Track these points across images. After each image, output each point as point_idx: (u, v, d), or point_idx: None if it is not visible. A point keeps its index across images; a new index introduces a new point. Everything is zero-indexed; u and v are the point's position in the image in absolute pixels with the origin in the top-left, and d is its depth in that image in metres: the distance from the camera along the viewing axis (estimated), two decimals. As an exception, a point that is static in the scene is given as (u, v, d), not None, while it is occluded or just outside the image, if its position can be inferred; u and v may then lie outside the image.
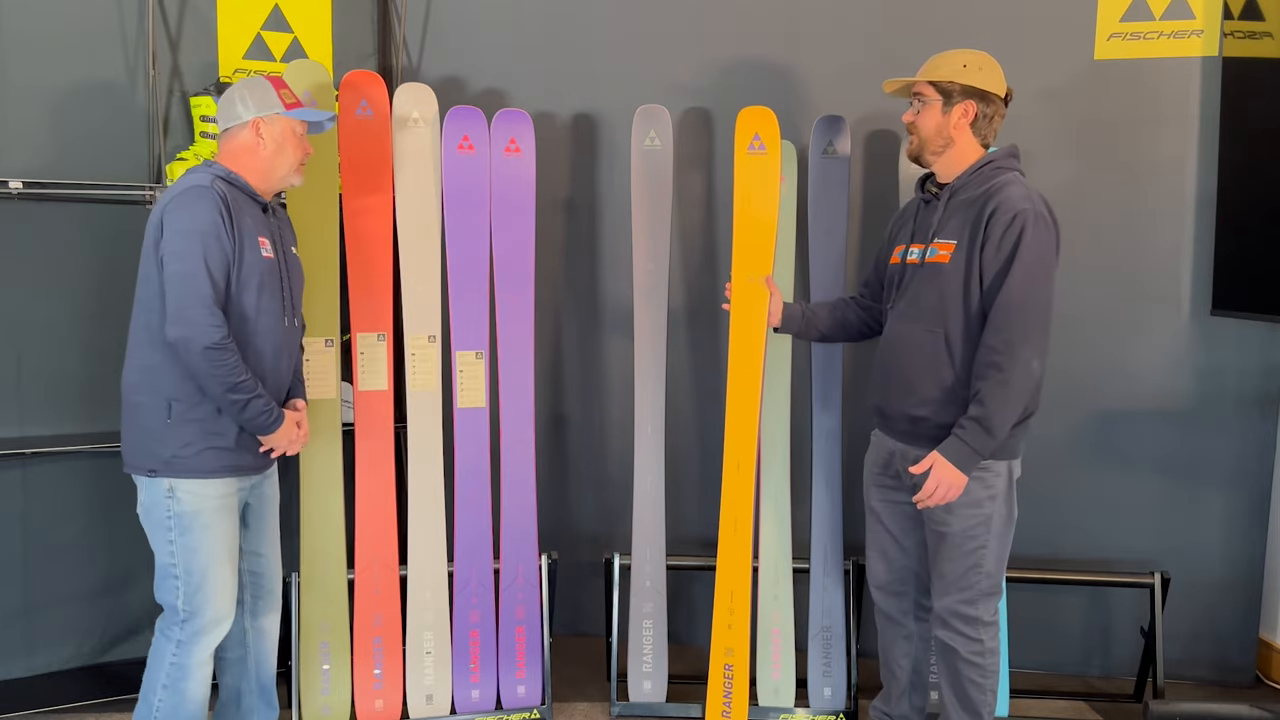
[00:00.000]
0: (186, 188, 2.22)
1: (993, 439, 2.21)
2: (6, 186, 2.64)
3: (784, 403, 2.95)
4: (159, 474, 2.24)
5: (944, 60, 2.32)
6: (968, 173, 2.32)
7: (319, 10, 3.09)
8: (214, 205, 2.19)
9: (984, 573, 2.34)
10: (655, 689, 2.95)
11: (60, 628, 2.93)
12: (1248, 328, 3.04)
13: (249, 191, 2.32)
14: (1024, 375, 2.19)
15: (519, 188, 2.85)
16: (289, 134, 2.36)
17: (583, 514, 3.45)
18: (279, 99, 2.33)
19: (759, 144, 2.78)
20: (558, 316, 3.38)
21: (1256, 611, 3.16)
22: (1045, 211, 2.24)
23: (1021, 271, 2.18)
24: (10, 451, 2.76)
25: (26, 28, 2.75)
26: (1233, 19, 2.98)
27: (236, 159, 2.33)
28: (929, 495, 2.26)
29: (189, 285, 2.16)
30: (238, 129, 2.32)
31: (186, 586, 2.27)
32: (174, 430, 2.23)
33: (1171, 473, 3.14)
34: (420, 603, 2.82)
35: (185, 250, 2.16)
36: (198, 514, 2.26)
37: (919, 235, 2.38)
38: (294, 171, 2.39)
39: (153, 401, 2.24)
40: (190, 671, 2.30)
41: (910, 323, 2.35)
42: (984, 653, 2.37)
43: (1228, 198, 3.02)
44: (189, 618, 2.29)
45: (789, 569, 2.95)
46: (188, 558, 2.26)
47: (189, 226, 2.17)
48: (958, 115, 2.30)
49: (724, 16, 3.19)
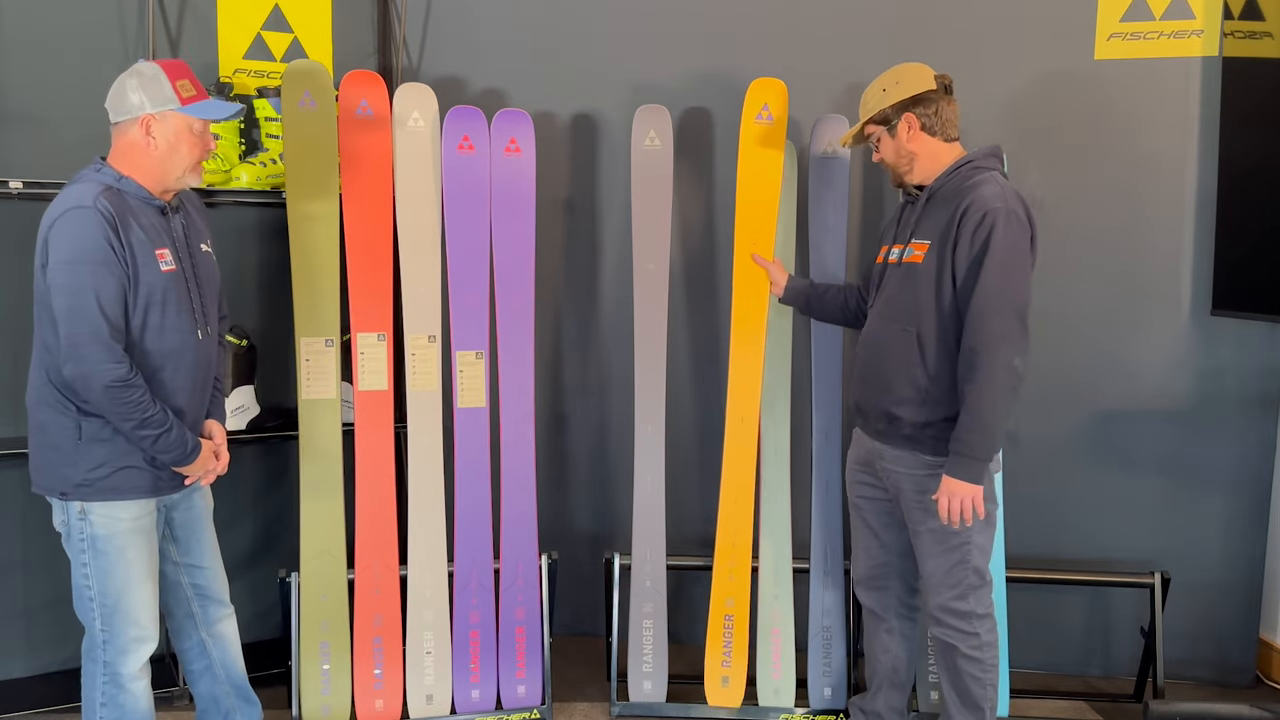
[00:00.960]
0: (68, 208, 2.03)
1: (990, 441, 2.22)
2: (6, 186, 2.63)
3: (784, 402, 2.95)
4: (70, 497, 2.13)
5: (869, 95, 2.42)
6: (946, 173, 2.35)
7: (319, 10, 3.09)
8: (99, 228, 2.01)
9: (971, 567, 2.36)
10: (655, 689, 2.95)
11: (60, 628, 2.93)
12: (1248, 328, 3.04)
13: (142, 197, 2.13)
14: (1006, 375, 2.19)
15: (519, 188, 2.85)
16: (185, 131, 2.14)
17: (583, 514, 3.45)
18: (175, 92, 2.11)
19: (767, 114, 2.81)
20: (558, 316, 3.38)
21: (1256, 611, 3.16)
22: (1018, 209, 2.23)
23: (993, 270, 2.18)
24: (10, 451, 2.76)
25: (27, 28, 2.75)
26: (1233, 19, 2.98)
27: (127, 158, 2.13)
28: (950, 514, 2.26)
29: (80, 320, 2.00)
30: (128, 124, 2.12)
31: (103, 609, 2.17)
32: (84, 451, 2.10)
33: (1171, 473, 3.14)
34: (420, 603, 2.82)
35: (72, 283, 2.00)
36: (111, 537, 2.14)
37: (900, 236, 2.42)
38: (190, 171, 2.18)
39: (59, 420, 2.11)
40: (124, 686, 2.22)
41: (886, 321, 2.39)
42: (981, 646, 2.38)
43: (1228, 198, 3.02)
44: (109, 639, 2.19)
45: (789, 569, 2.95)
46: (102, 580, 2.16)
47: (74, 255, 2.00)
48: (904, 131, 2.35)
49: (725, 16, 3.19)
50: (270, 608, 3.01)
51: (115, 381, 2.02)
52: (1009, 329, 2.19)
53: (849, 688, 2.93)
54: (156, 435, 2.10)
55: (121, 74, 2.16)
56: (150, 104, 2.11)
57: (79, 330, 2.01)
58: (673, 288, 3.10)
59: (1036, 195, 3.07)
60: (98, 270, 2.01)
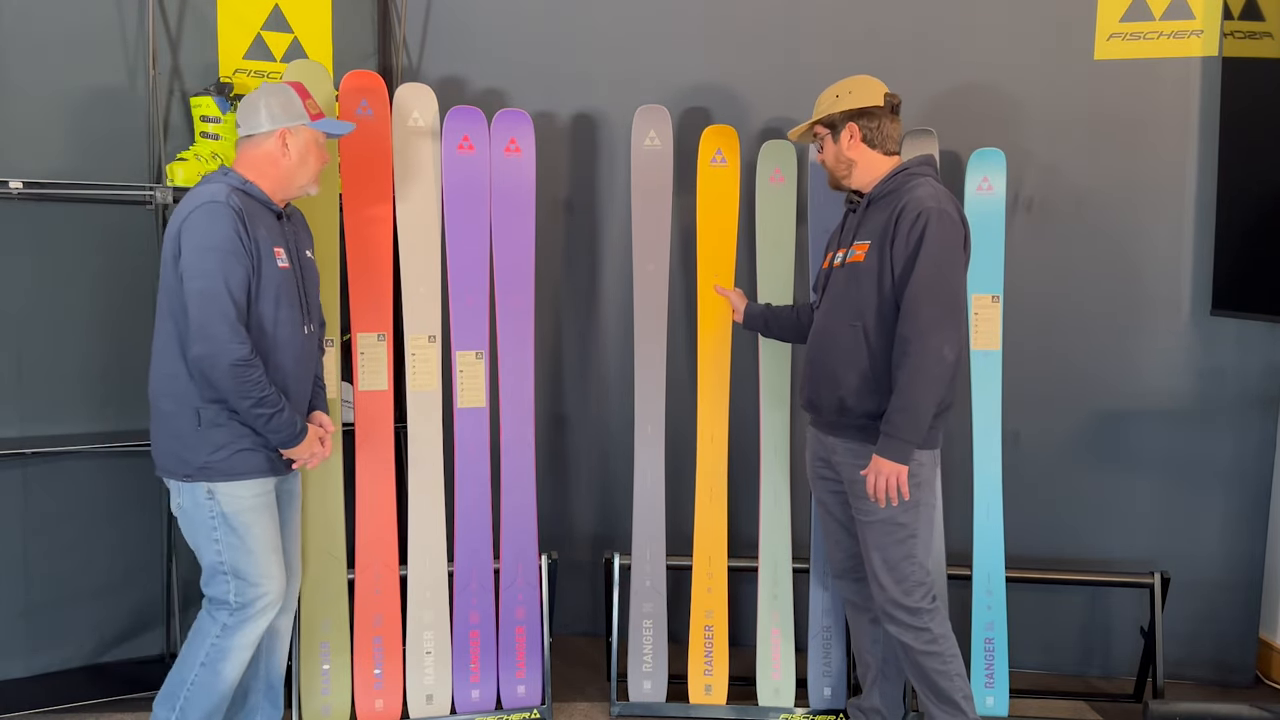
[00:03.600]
0: (203, 202, 2.21)
1: (917, 424, 2.31)
2: (6, 186, 2.63)
3: (784, 404, 2.95)
4: (195, 479, 2.26)
5: (823, 98, 2.53)
6: (883, 181, 2.45)
7: (319, 10, 3.09)
8: (231, 221, 2.19)
9: (916, 562, 2.43)
10: (655, 689, 2.95)
11: (60, 628, 2.94)
12: (1248, 328, 3.05)
13: (264, 201, 2.31)
14: (936, 361, 2.28)
15: (519, 188, 2.85)
16: (312, 145, 2.36)
17: (583, 514, 3.45)
18: (304, 109, 2.33)
19: (720, 157, 2.95)
20: (558, 316, 3.38)
21: (1256, 611, 3.16)
22: (950, 210, 2.35)
23: (926, 264, 2.29)
24: (10, 451, 2.76)
25: (27, 28, 2.75)
26: (1233, 19, 2.98)
27: (257, 167, 2.32)
28: (875, 491, 2.35)
29: (211, 303, 2.16)
30: (262, 137, 2.32)
31: (238, 582, 2.30)
32: (205, 435, 2.24)
33: (1171, 473, 3.14)
34: (420, 603, 2.82)
35: (205, 268, 2.17)
36: (239, 514, 2.28)
37: (843, 241, 2.53)
38: (312, 181, 2.39)
39: (180, 408, 2.25)
40: (230, 654, 2.33)
41: (832, 318, 2.48)
42: (935, 639, 2.44)
43: (1228, 198, 3.02)
44: (240, 607, 2.32)
45: (789, 569, 2.95)
46: (235, 556, 2.29)
47: (207, 243, 2.17)
48: (846, 139, 2.47)
49: (724, 17, 3.19)
50: (270, 608, 3.01)
51: (239, 360, 2.16)
52: (940, 319, 2.28)
53: (849, 688, 2.93)
54: (270, 415, 2.23)
55: (253, 93, 2.35)
56: (285, 119, 2.31)
57: (210, 312, 2.16)
58: (673, 288, 3.10)
59: (1026, 195, 3.08)
60: (227, 258, 2.18)
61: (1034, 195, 3.11)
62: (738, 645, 3.05)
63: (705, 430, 2.96)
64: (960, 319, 2.34)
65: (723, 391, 2.96)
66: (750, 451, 3.03)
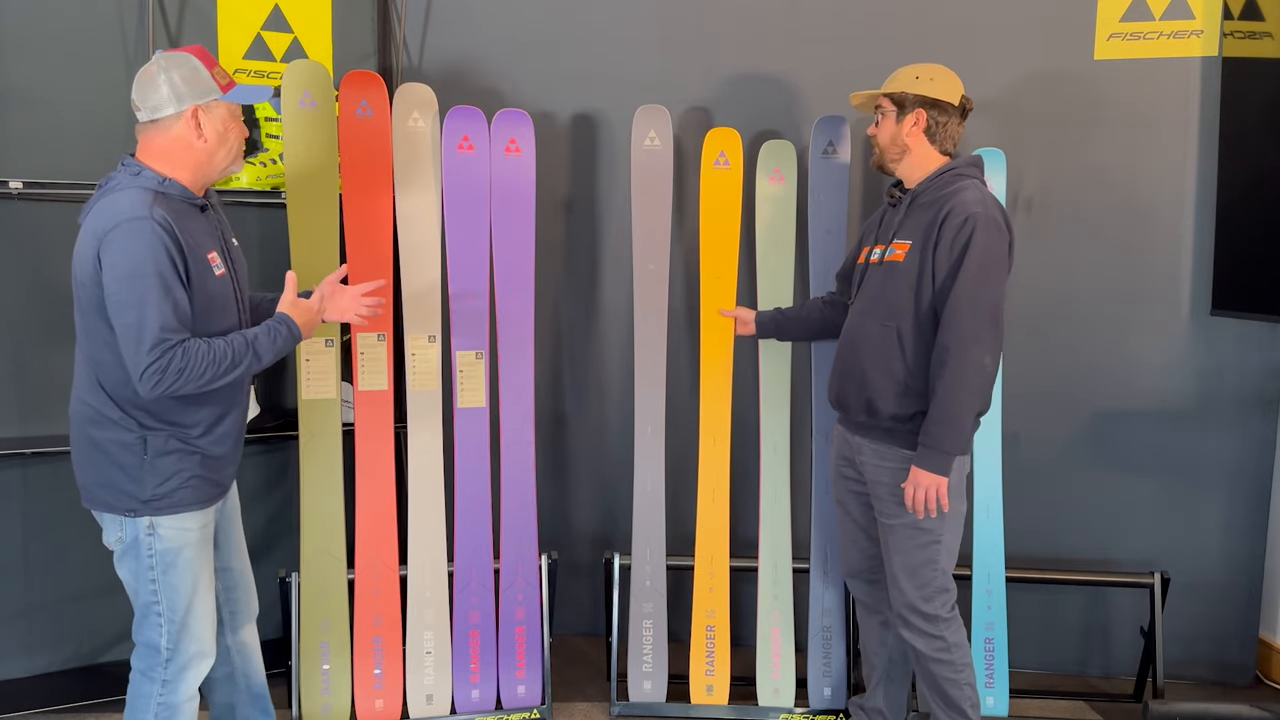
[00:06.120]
0: (122, 220, 1.91)
1: (957, 435, 2.27)
2: (6, 186, 2.64)
3: (784, 403, 2.95)
4: (139, 514, 2.05)
5: (901, 74, 2.43)
6: (929, 179, 2.40)
7: (319, 10, 3.09)
8: (159, 240, 1.91)
9: (939, 569, 2.40)
10: (655, 689, 2.95)
11: (60, 628, 2.94)
12: (1248, 328, 3.05)
13: (185, 198, 2.02)
14: (976, 372, 2.25)
15: (519, 188, 2.85)
16: (229, 119, 2.05)
17: (583, 514, 3.45)
18: (213, 80, 2.00)
19: (724, 160, 2.94)
20: (558, 316, 3.38)
21: (1256, 611, 3.16)
22: (997, 216, 2.30)
23: (971, 272, 2.25)
24: (10, 451, 2.76)
25: (26, 27, 2.75)
26: (1233, 19, 2.98)
27: (169, 156, 2.01)
28: (915, 503, 2.31)
29: (145, 338, 1.92)
30: (169, 121, 1.99)
31: (170, 625, 2.11)
32: (153, 466, 2.03)
33: (1171, 473, 3.14)
34: (420, 603, 2.82)
35: (133, 299, 1.90)
36: (181, 549, 2.09)
37: (882, 237, 2.48)
38: (235, 159, 2.09)
39: (120, 437, 2.02)
40: (179, 708, 2.15)
41: (866, 317, 2.44)
42: (949, 648, 2.41)
43: (1228, 197, 3.02)
44: (173, 655, 2.13)
45: (789, 569, 2.95)
46: (172, 595, 2.09)
47: (135, 269, 1.90)
48: (910, 124, 2.40)
49: (724, 16, 3.19)
50: (270, 608, 2.99)
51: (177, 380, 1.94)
52: (981, 329, 2.25)
53: (849, 688, 2.93)
54: (253, 355, 2.04)
55: (146, 68, 2.01)
56: (194, 95, 1.99)
57: (145, 348, 1.92)
58: (673, 288, 3.10)
59: (1026, 195, 3.08)
60: (158, 287, 1.91)
61: (1034, 195, 3.11)
62: (737, 645, 3.05)
63: (708, 431, 2.96)
64: (1001, 329, 2.28)
65: (725, 392, 2.95)
66: (750, 451, 3.03)
